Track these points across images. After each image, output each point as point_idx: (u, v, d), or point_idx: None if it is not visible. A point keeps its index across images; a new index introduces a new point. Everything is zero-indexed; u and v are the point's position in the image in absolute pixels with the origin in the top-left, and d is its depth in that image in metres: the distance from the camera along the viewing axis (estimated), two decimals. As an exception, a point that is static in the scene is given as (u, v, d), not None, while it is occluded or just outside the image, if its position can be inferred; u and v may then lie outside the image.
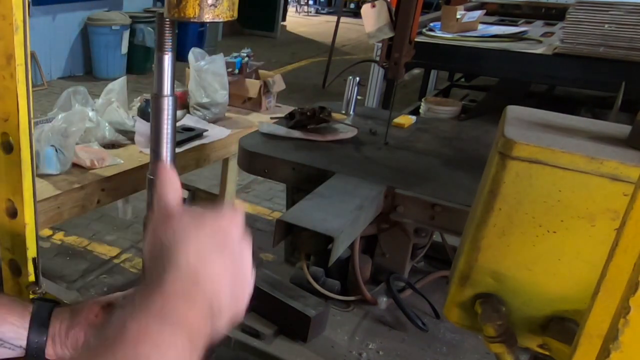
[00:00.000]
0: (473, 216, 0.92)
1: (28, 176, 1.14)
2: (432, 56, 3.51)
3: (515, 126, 0.88)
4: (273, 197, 4.12)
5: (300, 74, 7.98)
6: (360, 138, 1.93)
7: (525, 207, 0.84)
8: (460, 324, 0.98)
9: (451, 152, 1.88)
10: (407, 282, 1.73)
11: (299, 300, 1.49)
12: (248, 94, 2.81)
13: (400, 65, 1.79)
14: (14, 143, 1.11)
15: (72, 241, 3.43)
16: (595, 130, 0.89)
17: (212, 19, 0.62)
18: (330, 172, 1.62)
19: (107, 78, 6.21)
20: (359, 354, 1.50)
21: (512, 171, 0.84)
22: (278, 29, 11.24)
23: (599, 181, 0.79)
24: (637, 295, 0.49)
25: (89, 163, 1.94)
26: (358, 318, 1.64)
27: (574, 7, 3.12)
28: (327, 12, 15.12)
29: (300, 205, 1.44)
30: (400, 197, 1.53)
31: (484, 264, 0.91)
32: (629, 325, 0.50)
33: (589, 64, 3.08)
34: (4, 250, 1.23)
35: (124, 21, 7.03)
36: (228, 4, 0.63)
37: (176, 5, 0.61)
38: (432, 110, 3.73)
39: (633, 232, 0.53)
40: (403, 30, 1.76)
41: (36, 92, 5.76)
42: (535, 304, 0.89)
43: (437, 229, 1.63)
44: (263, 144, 1.84)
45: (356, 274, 1.64)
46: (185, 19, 0.62)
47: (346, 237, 1.38)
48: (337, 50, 7.68)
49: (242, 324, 1.50)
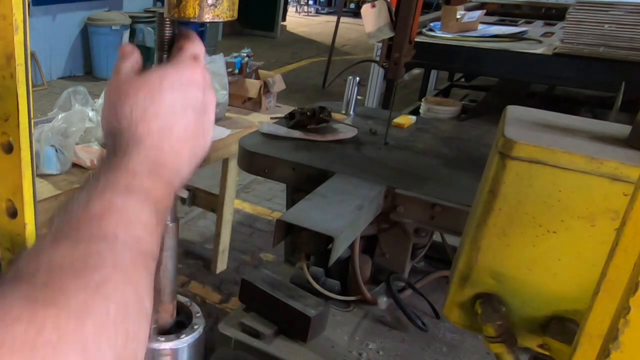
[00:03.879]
0: (473, 216, 0.92)
1: (28, 176, 1.14)
2: (432, 56, 3.51)
3: (515, 126, 0.88)
4: (273, 197, 4.12)
5: (300, 74, 7.98)
6: (360, 138, 1.93)
7: (525, 207, 0.85)
8: (460, 324, 0.98)
9: (451, 152, 1.88)
10: (407, 282, 1.73)
11: (299, 300, 1.49)
12: (248, 94, 2.81)
13: (400, 65, 1.79)
14: (14, 143, 1.11)
15: (72, 241, 3.43)
16: (595, 130, 0.89)
17: (212, 19, 0.62)
18: (330, 172, 1.62)
19: (107, 78, 6.21)
20: (359, 354, 1.50)
21: (512, 171, 0.84)
22: (278, 29, 11.24)
23: (599, 181, 0.79)
24: (637, 295, 0.49)
25: (89, 163, 1.95)
26: (358, 318, 1.64)
27: (574, 7, 3.12)
28: (327, 12, 15.11)
29: (300, 205, 1.44)
30: (400, 197, 1.53)
31: (484, 264, 0.91)
32: (629, 325, 0.50)
33: (589, 64, 3.09)
34: (4, 250, 1.23)
35: (124, 21, 7.03)
36: (228, 4, 0.63)
37: (176, 5, 0.61)
38: (432, 110, 3.73)
39: (633, 232, 0.53)
40: (403, 30, 1.76)
41: (36, 92, 5.76)
42: (535, 304, 0.89)
43: (437, 229, 1.63)
44: (263, 144, 1.84)
45: (356, 274, 1.64)
46: (185, 19, 0.62)
47: (346, 237, 1.38)
48: (337, 50, 7.69)
49: (242, 323, 1.50)
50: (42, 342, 0.35)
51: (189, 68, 0.59)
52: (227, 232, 3.07)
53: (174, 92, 0.57)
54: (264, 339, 1.47)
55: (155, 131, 0.55)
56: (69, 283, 0.39)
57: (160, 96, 0.56)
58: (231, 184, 2.90)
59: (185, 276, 3.12)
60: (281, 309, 1.48)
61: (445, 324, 1.62)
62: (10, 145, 1.11)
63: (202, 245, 3.48)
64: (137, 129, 0.54)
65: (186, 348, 1.22)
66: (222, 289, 3.06)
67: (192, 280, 3.12)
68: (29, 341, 0.34)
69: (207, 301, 2.94)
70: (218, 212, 3.00)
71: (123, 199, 0.48)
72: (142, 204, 0.49)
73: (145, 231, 0.48)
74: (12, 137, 1.11)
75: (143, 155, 0.53)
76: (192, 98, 0.58)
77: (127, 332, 0.40)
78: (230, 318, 1.56)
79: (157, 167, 0.53)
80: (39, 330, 0.35)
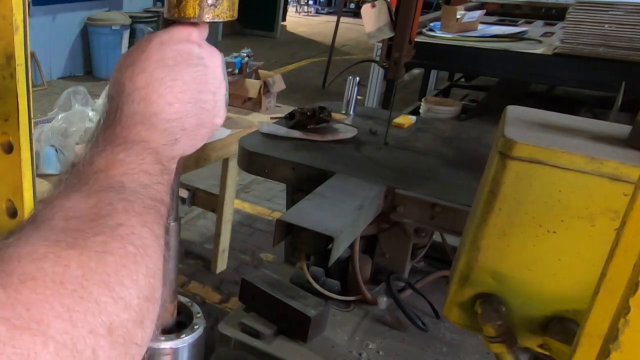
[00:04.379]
0: (473, 216, 0.92)
1: (28, 176, 1.14)
2: (432, 56, 3.51)
3: (515, 126, 0.88)
4: (273, 197, 4.12)
5: (300, 74, 7.98)
6: (360, 138, 1.93)
7: (525, 207, 0.85)
8: (460, 324, 0.98)
9: (451, 152, 1.88)
10: (407, 282, 1.73)
11: (299, 300, 1.49)
12: (248, 94, 2.81)
13: (400, 65, 1.79)
14: (14, 143, 1.11)
15: (72, 241, 3.43)
16: (595, 130, 0.89)
17: (212, 19, 0.62)
18: (330, 172, 1.62)
19: (107, 78, 6.22)
20: (359, 354, 1.50)
21: (512, 171, 0.84)
22: (278, 29, 11.24)
23: (599, 181, 0.79)
24: (637, 295, 0.49)
25: (89, 163, 1.94)
26: (358, 318, 1.64)
27: (574, 7, 3.12)
28: (327, 12, 15.11)
29: (300, 205, 1.44)
30: (400, 197, 1.53)
31: (484, 264, 0.91)
32: (629, 325, 0.50)
33: (589, 64, 3.08)
34: (4, 250, 1.23)
35: (124, 21, 7.03)
36: (228, 4, 0.63)
37: (176, 5, 0.61)
38: (432, 110, 3.74)
39: (633, 232, 0.53)
40: (403, 30, 1.76)
41: (36, 92, 5.76)
42: (535, 304, 0.89)
43: (437, 229, 1.63)
44: (263, 144, 1.84)
45: (356, 274, 1.64)
46: (185, 19, 0.62)
47: (346, 237, 1.38)
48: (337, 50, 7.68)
49: (242, 323, 1.50)
50: (69, 278, 0.37)
51: (181, 28, 0.61)
52: (227, 232, 3.07)
53: (163, 48, 0.57)
54: (264, 339, 1.47)
55: (143, 84, 0.55)
56: (86, 229, 0.41)
57: (148, 52, 0.57)
58: (231, 184, 2.90)
59: (185, 276, 3.12)
60: (281, 309, 1.48)
61: (445, 324, 1.62)
62: (10, 145, 1.11)
63: (202, 245, 3.48)
64: (125, 86, 0.55)
65: (186, 348, 1.23)
66: (222, 289, 3.06)
67: (192, 280, 3.12)
68: (58, 277, 0.36)
69: (207, 301, 2.94)
70: (218, 212, 3.00)
71: (123, 151, 0.50)
72: (142, 154, 0.51)
73: (149, 179, 0.49)
74: (12, 137, 1.11)
75: (134, 107, 0.54)
76: (184, 53, 0.58)
77: (147, 269, 0.42)
78: (230, 318, 1.56)
79: (149, 116, 0.54)
80: (65, 267, 0.37)
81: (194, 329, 1.15)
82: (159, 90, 0.55)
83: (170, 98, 0.56)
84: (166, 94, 0.55)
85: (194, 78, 0.58)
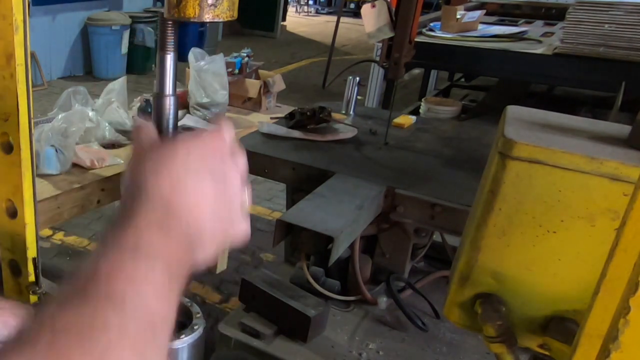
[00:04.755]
0: (473, 216, 0.92)
1: (28, 176, 1.14)
2: (432, 56, 3.51)
3: (515, 126, 0.88)
4: (273, 197, 4.12)
5: (300, 74, 7.98)
6: (360, 138, 1.93)
7: (525, 207, 0.85)
8: (460, 324, 0.98)
9: (451, 152, 1.88)
10: (407, 282, 1.73)
11: (299, 300, 1.49)
12: (248, 94, 2.81)
13: (400, 65, 1.79)
14: (14, 143, 1.11)
15: (72, 241, 3.43)
16: (595, 130, 0.89)
17: (212, 19, 0.62)
18: (330, 172, 1.62)
19: (107, 78, 6.21)
20: (359, 354, 1.50)
21: (512, 171, 0.84)
22: (278, 29, 11.23)
23: (599, 181, 0.79)
24: (637, 295, 0.49)
25: (89, 163, 1.94)
26: (358, 318, 1.64)
27: (574, 7, 3.12)
28: (327, 12, 15.11)
29: (300, 205, 1.44)
30: (400, 197, 1.53)
31: (484, 264, 0.91)
32: (629, 325, 0.50)
33: (589, 64, 3.08)
34: (4, 251, 1.23)
35: (124, 21, 7.03)
36: (228, 4, 0.63)
37: (176, 5, 0.61)
38: (432, 110, 3.73)
39: (633, 232, 0.53)
40: (403, 30, 1.76)
41: (36, 92, 5.76)
42: (535, 304, 0.89)
43: (437, 229, 1.63)
44: (263, 144, 1.84)
45: (356, 274, 1.64)
46: (185, 19, 0.62)
47: (346, 237, 1.38)
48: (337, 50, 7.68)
49: (242, 323, 1.50)
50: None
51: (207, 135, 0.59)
52: (227, 232, 3.06)
53: (189, 155, 0.56)
54: (264, 339, 1.47)
55: (165, 186, 0.53)
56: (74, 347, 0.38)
57: (174, 157, 0.55)
58: (231, 184, 2.90)
59: (185, 276, 3.12)
60: (281, 309, 1.48)
61: (445, 324, 1.62)
62: (10, 145, 1.12)
63: (202, 245, 3.48)
64: (146, 185, 0.53)
65: (186, 348, 1.22)
66: (222, 289, 3.05)
67: (192, 280, 3.12)
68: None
69: (207, 301, 2.94)
70: (218, 212, 2.99)
71: (131, 257, 0.47)
72: (152, 262, 0.47)
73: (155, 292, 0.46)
74: (12, 137, 1.11)
75: (151, 209, 0.51)
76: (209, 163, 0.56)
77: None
78: (230, 318, 1.56)
79: (166, 220, 0.51)
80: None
81: (194, 329, 1.15)
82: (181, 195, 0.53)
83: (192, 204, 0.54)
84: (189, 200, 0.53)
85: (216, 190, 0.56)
